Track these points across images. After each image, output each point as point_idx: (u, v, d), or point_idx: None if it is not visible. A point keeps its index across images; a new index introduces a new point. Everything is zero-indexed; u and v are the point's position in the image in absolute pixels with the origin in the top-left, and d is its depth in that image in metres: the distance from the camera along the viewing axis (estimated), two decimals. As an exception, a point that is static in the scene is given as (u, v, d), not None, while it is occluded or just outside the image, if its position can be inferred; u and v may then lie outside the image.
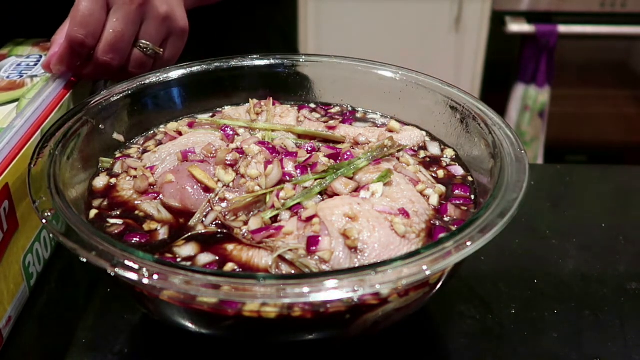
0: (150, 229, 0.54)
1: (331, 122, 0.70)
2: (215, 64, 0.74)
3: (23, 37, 0.84)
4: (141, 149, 0.67)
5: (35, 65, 0.75)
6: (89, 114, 0.63)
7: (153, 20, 0.72)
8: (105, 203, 0.57)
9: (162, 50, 0.74)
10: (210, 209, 0.55)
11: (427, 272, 0.43)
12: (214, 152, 0.60)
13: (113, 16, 0.68)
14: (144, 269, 0.42)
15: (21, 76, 0.71)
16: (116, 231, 0.54)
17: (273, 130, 0.66)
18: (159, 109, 0.71)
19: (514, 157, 0.55)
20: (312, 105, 0.76)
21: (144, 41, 0.72)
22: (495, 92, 2.35)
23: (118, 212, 0.56)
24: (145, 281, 0.42)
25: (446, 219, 0.56)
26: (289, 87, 0.76)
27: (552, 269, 0.67)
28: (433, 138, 0.69)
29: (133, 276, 0.42)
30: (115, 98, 0.66)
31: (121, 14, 0.68)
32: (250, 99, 0.72)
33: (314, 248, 0.49)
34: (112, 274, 0.42)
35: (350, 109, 0.76)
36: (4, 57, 0.78)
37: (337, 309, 0.45)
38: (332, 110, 0.76)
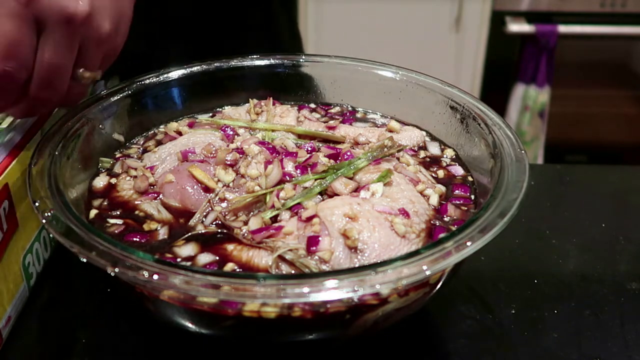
0: (150, 229, 0.54)
1: (331, 122, 0.70)
2: (215, 64, 0.74)
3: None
4: (141, 149, 0.67)
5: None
6: (89, 114, 0.63)
7: (93, 44, 0.56)
8: (105, 203, 0.58)
9: (100, 74, 0.59)
10: (210, 209, 0.55)
11: (427, 272, 0.43)
12: (214, 152, 0.60)
13: (46, 43, 0.53)
14: (144, 269, 0.42)
15: None
16: (116, 231, 0.54)
17: (273, 130, 0.66)
18: (159, 109, 0.71)
19: (514, 157, 0.55)
20: (312, 105, 0.76)
21: (80, 70, 0.57)
22: (495, 92, 2.35)
23: (118, 212, 0.56)
24: (145, 281, 0.42)
25: (446, 219, 0.56)
26: (289, 87, 0.76)
27: (552, 269, 0.67)
28: (433, 138, 0.69)
29: (133, 276, 0.42)
30: (115, 98, 0.67)
31: (56, 40, 0.53)
32: (250, 99, 0.72)
33: (314, 248, 0.49)
34: (112, 274, 0.42)
35: (350, 109, 0.76)
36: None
37: (337, 309, 0.45)
38: (332, 110, 0.76)
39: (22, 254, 0.59)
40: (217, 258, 0.50)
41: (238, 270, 0.49)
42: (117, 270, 0.42)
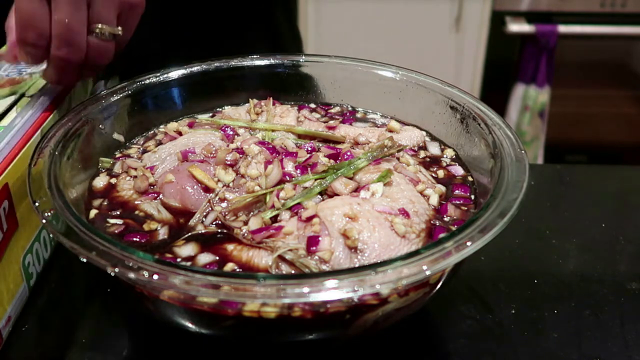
0: (150, 229, 0.54)
1: (331, 122, 0.70)
2: (215, 64, 0.74)
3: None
4: (141, 149, 0.67)
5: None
6: (89, 114, 0.63)
7: None
8: (105, 203, 0.57)
9: (120, 29, 0.65)
10: (210, 209, 0.55)
11: (427, 272, 0.43)
12: (214, 152, 0.60)
13: (56, 6, 0.61)
14: (144, 269, 0.42)
15: (20, 74, 0.71)
16: (116, 231, 0.54)
17: (273, 130, 0.66)
18: (159, 109, 0.71)
19: (514, 157, 0.55)
20: (312, 105, 0.76)
21: (97, 25, 0.63)
22: (495, 92, 2.35)
23: (118, 212, 0.56)
24: (145, 281, 0.42)
25: (446, 219, 0.56)
26: (289, 87, 0.76)
27: (552, 269, 0.67)
28: (433, 138, 0.69)
29: (133, 276, 0.42)
30: (115, 98, 0.66)
31: (61, 1, 0.61)
32: (250, 99, 0.72)
33: (314, 248, 0.49)
34: (112, 274, 0.42)
35: (350, 109, 0.76)
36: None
37: (337, 309, 0.45)
38: (332, 110, 0.76)
39: (22, 254, 0.59)
40: (217, 258, 0.50)
41: (238, 270, 0.49)
42: (117, 270, 0.42)
